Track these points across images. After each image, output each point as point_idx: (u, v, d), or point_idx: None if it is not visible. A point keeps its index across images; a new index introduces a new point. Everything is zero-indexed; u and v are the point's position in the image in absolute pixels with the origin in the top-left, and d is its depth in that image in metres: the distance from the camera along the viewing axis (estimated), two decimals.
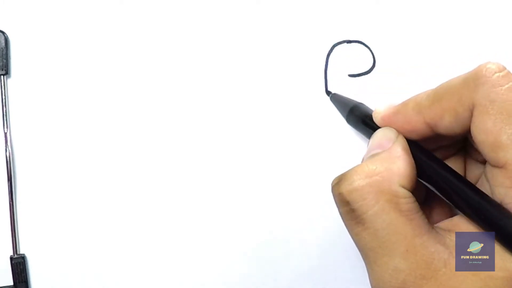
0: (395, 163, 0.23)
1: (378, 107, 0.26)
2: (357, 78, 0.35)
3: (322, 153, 0.34)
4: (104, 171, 0.34)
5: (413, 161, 0.23)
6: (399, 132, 0.25)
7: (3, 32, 0.33)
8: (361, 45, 0.35)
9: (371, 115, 0.27)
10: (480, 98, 0.21)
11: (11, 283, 0.33)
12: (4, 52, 0.33)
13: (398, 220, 0.21)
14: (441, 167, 0.23)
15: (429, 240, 0.21)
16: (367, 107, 0.30)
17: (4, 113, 0.33)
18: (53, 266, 0.33)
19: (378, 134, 0.25)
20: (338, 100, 0.33)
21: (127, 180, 0.34)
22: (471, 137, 0.22)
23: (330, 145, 0.34)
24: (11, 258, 0.33)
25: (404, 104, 0.25)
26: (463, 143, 0.27)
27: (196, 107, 0.34)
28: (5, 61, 0.33)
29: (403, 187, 0.22)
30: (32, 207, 0.33)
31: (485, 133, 0.21)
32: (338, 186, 0.23)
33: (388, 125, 0.26)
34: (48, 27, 0.34)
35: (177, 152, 0.34)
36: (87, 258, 0.33)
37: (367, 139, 0.27)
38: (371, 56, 0.35)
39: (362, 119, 0.29)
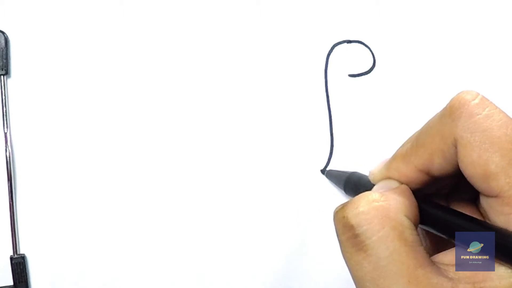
0: (400, 197, 0.22)
1: (372, 168, 0.26)
2: (357, 78, 0.35)
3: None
4: (104, 171, 0.34)
5: (417, 203, 0.23)
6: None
7: (3, 32, 0.33)
8: (361, 45, 0.35)
9: (367, 179, 0.27)
10: (460, 132, 0.21)
11: (11, 283, 0.33)
12: (4, 52, 0.33)
13: (401, 249, 0.20)
14: (444, 210, 0.23)
15: (432, 272, 0.20)
16: (361, 174, 0.30)
17: (4, 113, 0.33)
18: (53, 266, 0.33)
19: (380, 183, 0.25)
20: (333, 175, 0.34)
21: (127, 180, 0.34)
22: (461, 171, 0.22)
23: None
24: (11, 258, 0.33)
25: (394, 158, 0.25)
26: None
27: (195, 108, 0.34)
28: (5, 61, 0.33)
29: (408, 218, 0.22)
30: (32, 207, 0.33)
31: (472, 166, 0.20)
32: (342, 210, 0.22)
33: None
34: (48, 27, 0.34)
35: (177, 154, 0.34)
36: (87, 258, 0.33)
37: None
38: (371, 56, 0.35)
39: (359, 185, 0.29)
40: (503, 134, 0.20)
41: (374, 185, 0.26)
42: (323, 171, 0.34)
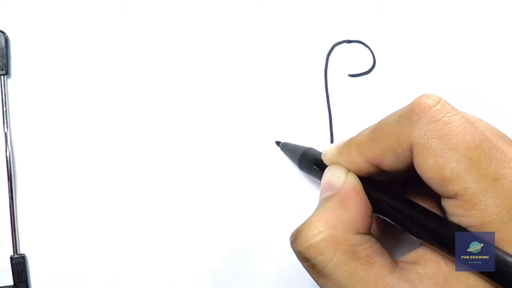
0: (346, 210, 0.22)
1: (326, 148, 0.26)
2: (357, 78, 0.35)
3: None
4: (103, 172, 0.34)
5: (366, 199, 0.23)
6: (349, 169, 0.24)
7: (3, 32, 0.33)
8: (361, 45, 0.35)
9: (321, 157, 0.27)
10: (417, 137, 0.21)
11: (11, 283, 0.33)
12: (4, 52, 0.33)
13: (358, 268, 0.21)
14: (396, 199, 0.23)
15: (393, 280, 0.21)
16: (317, 151, 0.30)
17: (4, 113, 0.33)
18: (53, 266, 0.33)
19: (327, 173, 0.25)
20: (288, 148, 0.33)
21: (126, 180, 0.34)
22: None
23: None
24: (11, 258, 0.33)
25: (348, 143, 0.25)
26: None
27: (195, 109, 0.34)
28: (5, 61, 0.33)
29: (359, 233, 0.22)
30: (32, 207, 0.33)
31: (428, 170, 0.20)
32: (295, 244, 0.23)
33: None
34: (48, 27, 0.34)
35: (177, 155, 0.34)
36: (87, 258, 0.33)
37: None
38: (371, 56, 0.35)
39: (313, 162, 0.29)
40: (460, 140, 0.20)
41: (326, 166, 0.26)
42: (278, 143, 0.34)
